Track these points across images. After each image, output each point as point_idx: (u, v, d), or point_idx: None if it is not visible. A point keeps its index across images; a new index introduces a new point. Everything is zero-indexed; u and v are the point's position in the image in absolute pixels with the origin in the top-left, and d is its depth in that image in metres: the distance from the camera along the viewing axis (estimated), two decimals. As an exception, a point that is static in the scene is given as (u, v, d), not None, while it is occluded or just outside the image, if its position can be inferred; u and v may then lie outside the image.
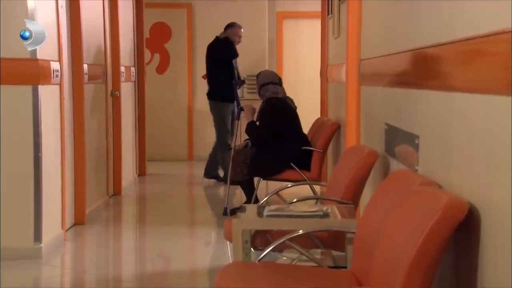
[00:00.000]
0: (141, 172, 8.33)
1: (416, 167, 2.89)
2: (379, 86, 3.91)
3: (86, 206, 5.76)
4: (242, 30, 7.69)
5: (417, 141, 2.90)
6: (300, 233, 2.92)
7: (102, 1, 6.69)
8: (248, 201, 5.91)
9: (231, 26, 7.65)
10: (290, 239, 2.96)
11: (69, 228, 5.41)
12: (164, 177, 8.40)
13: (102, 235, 5.62)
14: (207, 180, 7.73)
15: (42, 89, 4.66)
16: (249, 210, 3.37)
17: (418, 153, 2.87)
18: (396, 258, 2.17)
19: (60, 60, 5.01)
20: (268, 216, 3.12)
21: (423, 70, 2.81)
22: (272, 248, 2.97)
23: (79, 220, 5.64)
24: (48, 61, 4.79)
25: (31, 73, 4.59)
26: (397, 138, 3.33)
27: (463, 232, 2.16)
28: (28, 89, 4.58)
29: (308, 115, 8.07)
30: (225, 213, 6.05)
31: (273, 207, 3.24)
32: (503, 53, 1.86)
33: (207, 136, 9.73)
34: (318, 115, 7.84)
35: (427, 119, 2.77)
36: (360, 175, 3.53)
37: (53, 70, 4.83)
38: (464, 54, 2.26)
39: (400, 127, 3.29)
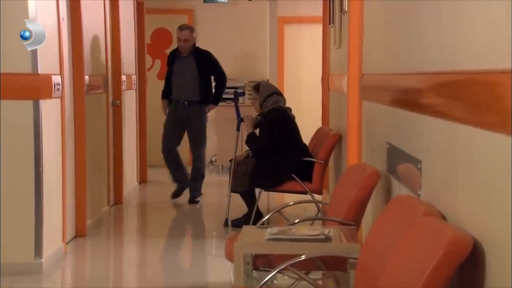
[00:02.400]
0: (142, 179, 8.32)
1: (419, 192, 2.88)
2: (381, 104, 3.89)
3: (87, 217, 5.76)
4: (181, 32, 6.93)
5: (420, 166, 2.89)
6: (302, 258, 2.91)
7: (103, 9, 6.68)
8: (250, 213, 5.90)
9: None
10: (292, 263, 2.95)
11: (70, 241, 5.40)
12: (165, 184, 8.36)
13: (103, 248, 5.60)
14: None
15: (43, 103, 4.65)
16: (250, 232, 3.36)
17: (421, 178, 2.86)
18: (399, 293, 2.16)
19: (61, 73, 5.00)
20: (269, 239, 3.11)
21: (426, 95, 2.80)
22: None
23: (80, 232, 5.62)
24: (49, 75, 4.77)
25: (32, 88, 4.58)
26: (399, 159, 3.32)
27: (468, 266, 2.14)
28: (29, 104, 4.57)
29: (308, 121, 8.07)
30: (226, 224, 6.04)
31: (274, 229, 3.23)
32: (502, 92, 1.86)
33: (208, 142, 9.71)
34: (318, 122, 7.83)
35: (430, 145, 2.75)
36: (362, 196, 3.51)
37: (54, 84, 4.82)
38: (465, 87, 2.25)
39: (402, 148, 3.28)
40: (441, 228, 2.20)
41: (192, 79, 6.89)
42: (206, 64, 6.95)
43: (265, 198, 6.69)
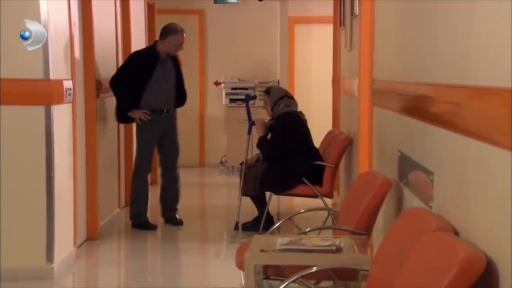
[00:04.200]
0: (152, 180, 8.31)
1: (431, 204, 2.87)
2: (392, 111, 3.88)
3: (98, 219, 5.78)
4: (183, 35, 6.15)
5: (431, 177, 2.88)
6: (314, 270, 2.91)
7: (114, 11, 6.69)
8: (260, 216, 5.90)
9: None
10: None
11: (81, 244, 5.42)
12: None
13: (114, 251, 5.62)
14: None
15: (55, 108, 4.67)
16: (260, 242, 3.35)
17: (433, 189, 2.85)
18: (411, 310, 2.15)
19: (72, 78, 5.02)
20: (280, 250, 3.11)
21: (438, 106, 2.78)
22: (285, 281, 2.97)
23: (91, 236, 5.65)
24: (61, 80, 4.79)
25: (44, 93, 4.60)
26: (411, 169, 3.30)
27: (481, 285, 2.13)
28: (41, 109, 4.59)
29: (318, 123, 8.05)
30: (236, 228, 6.04)
31: (285, 239, 3.23)
32: (504, 109, 1.86)
33: (218, 143, 9.75)
34: (328, 123, 7.82)
35: (442, 157, 2.74)
36: (373, 205, 3.50)
37: (65, 89, 4.84)
38: (477, 102, 2.24)
39: (414, 158, 3.26)
40: (454, 245, 2.19)
41: (173, 84, 6.18)
42: (178, 66, 6.33)
43: (276, 202, 6.68)
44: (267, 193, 5.84)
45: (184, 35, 6.19)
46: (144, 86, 6.02)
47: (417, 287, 2.20)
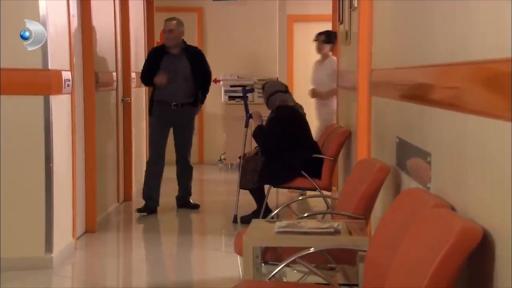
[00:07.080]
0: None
1: (428, 185, 2.88)
2: (390, 98, 3.89)
3: (97, 213, 5.78)
4: (167, 22, 6.47)
5: (429, 159, 2.89)
6: (311, 251, 2.91)
7: (113, 7, 6.70)
8: (259, 209, 5.90)
9: None
10: (301, 255, 2.96)
11: (80, 236, 5.42)
12: (174, 181, 8.37)
13: (113, 244, 5.63)
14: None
15: (54, 99, 4.67)
16: (259, 226, 3.36)
17: (431, 170, 2.86)
18: (409, 284, 2.16)
19: (71, 69, 5.02)
20: (279, 232, 3.11)
21: (435, 87, 2.79)
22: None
23: (90, 228, 5.65)
24: (60, 71, 4.80)
25: (43, 83, 4.60)
26: (409, 153, 3.32)
27: (478, 257, 2.14)
28: (39, 99, 4.60)
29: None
30: (234, 221, 6.04)
31: (283, 222, 3.23)
32: (504, 80, 1.86)
33: (217, 140, 9.75)
34: (328, 120, 7.82)
35: (439, 137, 2.75)
36: (371, 190, 3.51)
37: (64, 80, 4.85)
38: (476, 77, 2.24)
39: (412, 142, 3.27)
40: (451, 219, 2.20)
41: (185, 80, 6.34)
42: (199, 62, 6.46)
43: (274, 195, 6.69)
44: (266, 186, 5.85)
45: (169, 21, 6.46)
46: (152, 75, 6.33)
47: (414, 261, 2.20)
